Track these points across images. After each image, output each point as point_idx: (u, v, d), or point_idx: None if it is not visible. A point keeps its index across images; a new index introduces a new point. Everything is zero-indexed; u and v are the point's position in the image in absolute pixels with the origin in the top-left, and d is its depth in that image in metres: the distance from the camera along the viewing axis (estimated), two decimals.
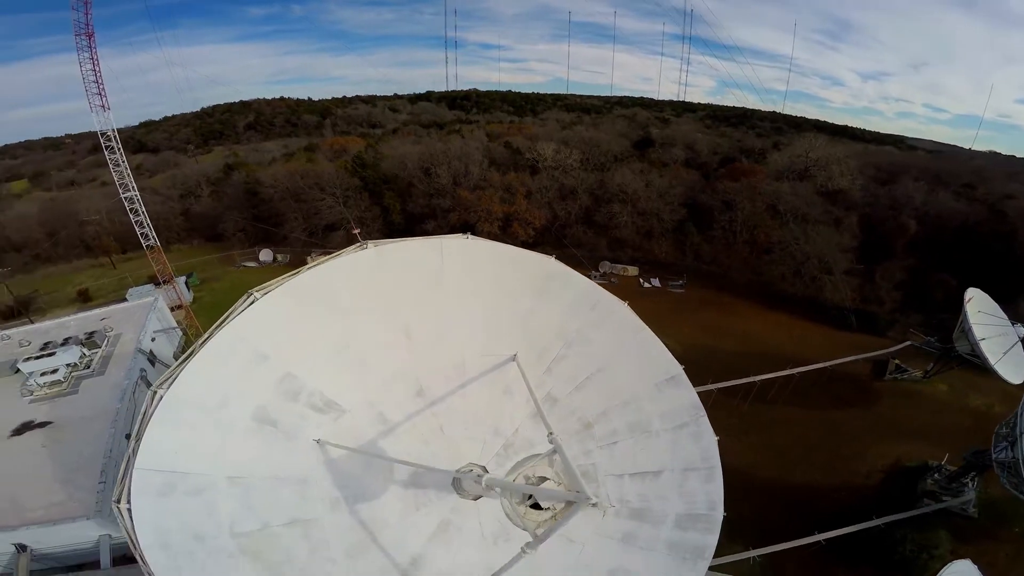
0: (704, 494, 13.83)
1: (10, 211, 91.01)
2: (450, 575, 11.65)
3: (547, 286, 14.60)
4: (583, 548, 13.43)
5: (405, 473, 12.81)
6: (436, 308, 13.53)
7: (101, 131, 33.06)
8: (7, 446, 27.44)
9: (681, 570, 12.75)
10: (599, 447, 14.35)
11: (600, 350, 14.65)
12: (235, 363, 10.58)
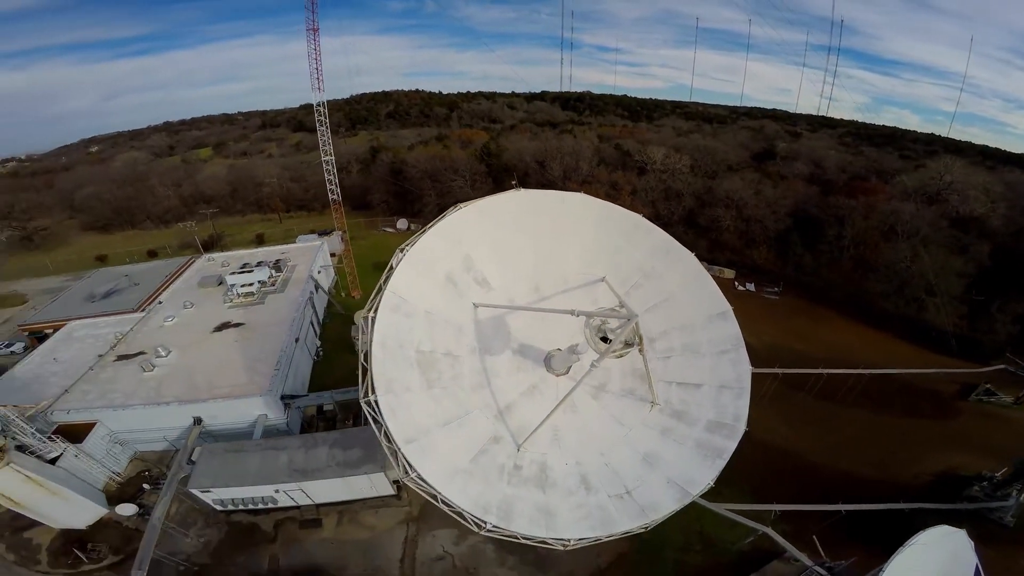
0: (733, 408, 18.82)
1: (203, 172, 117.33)
2: (527, 422, 17.76)
3: (633, 233, 20.85)
4: (630, 431, 19.31)
5: (516, 344, 19.89)
6: (555, 236, 20.39)
7: (316, 106, 45.06)
8: (210, 339, 40.02)
9: (702, 464, 17.71)
10: (657, 358, 20.05)
11: (668, 285, 20.45)
12: (442, 242, 18.37)
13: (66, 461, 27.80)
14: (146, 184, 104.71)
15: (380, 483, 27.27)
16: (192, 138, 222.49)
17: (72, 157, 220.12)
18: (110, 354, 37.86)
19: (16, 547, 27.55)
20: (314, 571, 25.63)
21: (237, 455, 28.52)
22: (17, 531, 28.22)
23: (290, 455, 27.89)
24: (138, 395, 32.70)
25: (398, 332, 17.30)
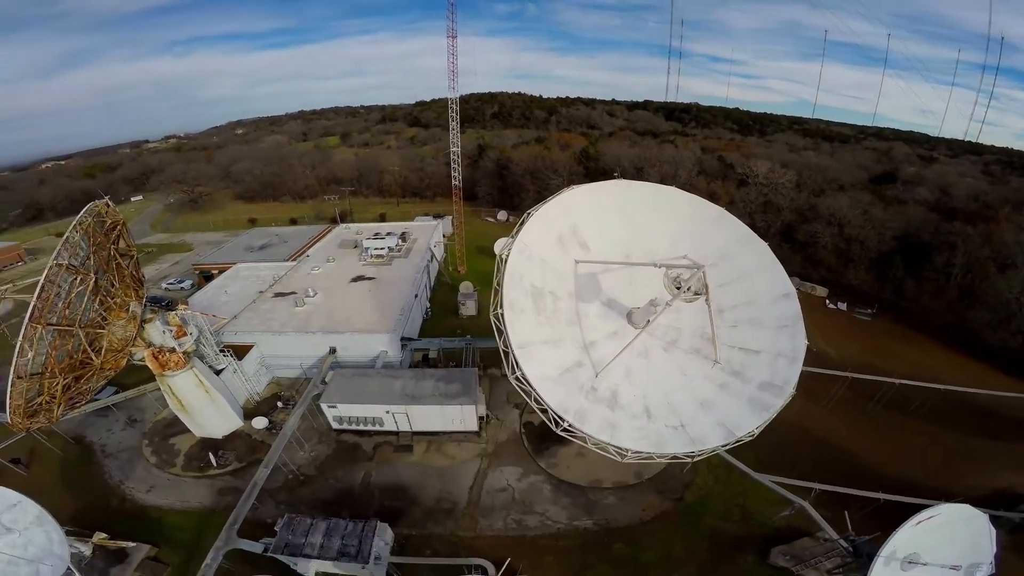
0: (785, 373, 22.10)
1: (335, 158, 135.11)
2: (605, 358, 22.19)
3: (716, 222, 24.90)
4: (691, 381, 23.36)
5: (605, 298, 24.82)
6: (646, 218, 25.05)
7: (451, 102, 52.86)
8: (349, 287, 49.40)
9: (750, 415, 21.18)
10: (724, 326, 23.88)
11: (742, 267, 24.22)
12: (556, 210, 23.90)
13: (226, 375, 35.96)
14: (287, 164, 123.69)
15: (469, 417, 33.36)
16: (322, 127, 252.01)
17: (222, 137, 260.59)
18: (268, 291, 48.58)
19: (160, 451, 34.98)
20: (399, 489, 31.13)
21: (361, 379, 36.36)
22: (165, 438, 36.01)
23: (403, 383, 35.10)
24: (290, 325, 42.19)
25: (521, 269, 22.70)
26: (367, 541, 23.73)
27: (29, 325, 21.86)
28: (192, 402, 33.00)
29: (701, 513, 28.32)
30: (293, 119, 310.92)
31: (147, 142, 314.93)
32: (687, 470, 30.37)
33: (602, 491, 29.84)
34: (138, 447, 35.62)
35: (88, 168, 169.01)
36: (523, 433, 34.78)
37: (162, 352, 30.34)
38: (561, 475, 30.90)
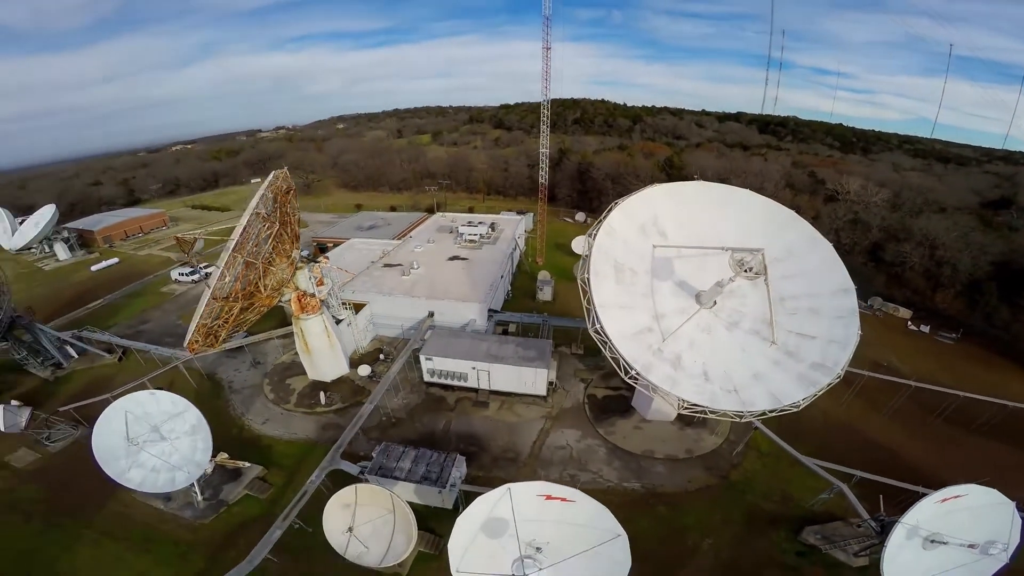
0: (835, 357, 25.05)
1: (428, 156, 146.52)
2: (671, 328, 26.62)
3: (786, 222, 28.25)
4: (748, 357, 26.87)
5: (677, 280, 28.97)
6: (721, 215, 28.89)
7: (543, 105, 58.52)
8: (445, 264, 56.35)
9: (798, 388, 24.59)
10: (785, 313, 27.22)
11: (806, 263, 27.40)
12: (639, 202, 28.56)
13: (342, 326, 43.46)
14: (387, 158, 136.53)
15: (540, 381, 38.25)
16: (415, 125, 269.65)
17: (326, 130, 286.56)
18: (379, 262, 56.95)
19: (277, 389, 42.11)
20: (473, 437, 36.35)
21: (454, 339, 42.71)
22: (283, 379, 43.19)
23: (488, 346, 40.94)
24: (398, 290, 49.89)
25: (606, 246, 27.63)
26: (447, 469, 29.24)
27: (231, 255, 29.84)
28: (316, 344, 40.87)
29: (743, 491, 30.43)
30: (389, 116, 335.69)
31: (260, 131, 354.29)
32: (736, 453, 32.96)
33: (653, 460, 32.95)
34: (259, 385, 43.54)
35: (214, 152, 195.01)
36: (586, 403, 39.19)
37: (304, 296, 38.41)
38: (617, 442, 34.56)
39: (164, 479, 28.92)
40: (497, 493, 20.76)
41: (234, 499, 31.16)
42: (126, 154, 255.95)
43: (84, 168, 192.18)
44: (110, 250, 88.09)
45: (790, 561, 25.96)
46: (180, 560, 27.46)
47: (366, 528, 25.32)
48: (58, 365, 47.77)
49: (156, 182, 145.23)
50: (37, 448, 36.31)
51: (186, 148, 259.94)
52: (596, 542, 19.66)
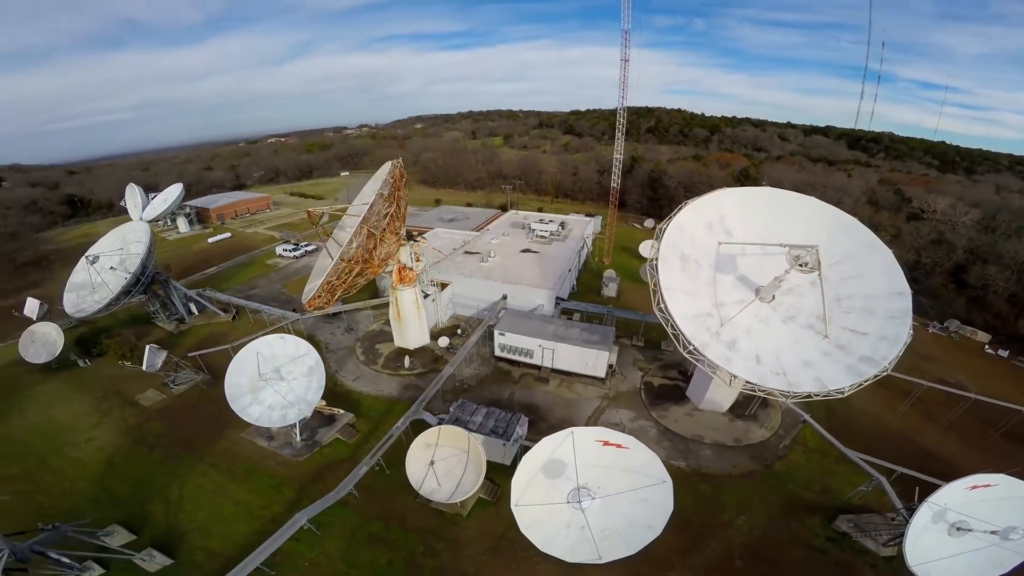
0: (884, 352, 27.44)
1: (502, 156, 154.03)
2: (728, 314, 30.15)
3: (848, 228, 30.87)
4: (800, 347, 29.72)
5: (739, 274, 32.33)
6: (786, 219, 31.93)
7: (620, 110, 62.62)
8: (518, 255, 61.70)
9: (844, 376, 27.19)
10: (840, 311, 29.92)
11: (864, 266, 29.90)
12: (710, 204, 32.31)
13: (428, 301, 50.02)
14: (463, 157, 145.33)
15: (600, 363, 42.25)
16: (488, 127, 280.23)
17: (405, 130, 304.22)
18: (460, 249, 63.49)
19: (367, 352, 49.85)
20: (533, 407, 40.72)
21: (525, 319, 47.79)
22: (372, 344, 50.30)
23: (555, 327, 45.63)
24: (477, 274, 55.96)
25: (675, 238, 31.59)
26: (512, 426, 34.38)
27: (359, 225, 36.72)
28: (407, 313, 47.47)
29: (785, 480, 32.55)
30: (464, 118, 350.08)
31: (346, 128, 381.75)
32: (783, 446, 35.21)
33: (701, 444, 35.59)
34: (352, 347, 50.91)
35: (307, 146, 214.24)
36: (642, 388, 42.79)
37: (404, 269, 45.12)
38: (668, 425, 37.59)
39: (277, 415, 35.30)
40: (561, 436, 25.40)
41: (326, 441, 37.26)
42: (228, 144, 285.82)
43: (195, 155, 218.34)
44: (222, 226, 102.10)
45: (819, 544, 27.96)
46: (274, 491, 32.88)
47: (441, 466, 30.39)
48: (181, 320, 57.91)
49: (258, 170, 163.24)
50: (163, 390, 44.45)
51: (280, 141, 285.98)
52: (644, 485, 23.60)
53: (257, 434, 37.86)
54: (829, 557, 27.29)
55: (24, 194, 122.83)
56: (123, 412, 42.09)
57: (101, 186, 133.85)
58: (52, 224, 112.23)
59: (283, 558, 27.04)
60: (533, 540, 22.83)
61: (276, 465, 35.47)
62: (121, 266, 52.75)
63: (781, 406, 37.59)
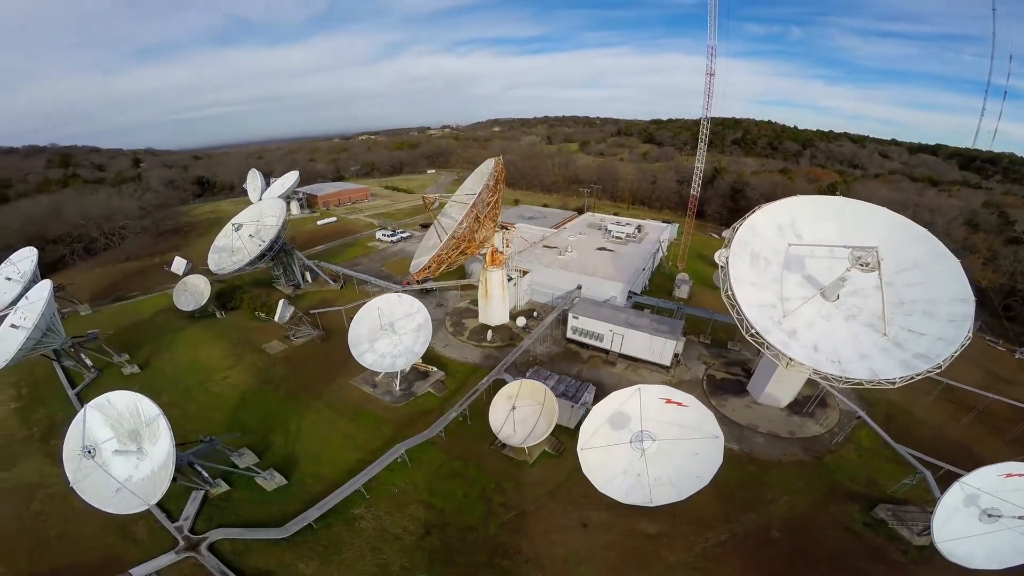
0: (939, 351, 29.99)
1: (578, 162, 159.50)
2: (791, 308, 33.85)
3: (919, 240, 33.58)
4: (858, 342, 32.80)
5: (806, 274, 35.90)
6: (857, 227, 35.04)
7: (704, 121, 66.22)
8: (593, 252, 67.15)
9: (896, 369, 30.08)
10: (902, 313, 32.80)
11: (931, 274, 32.55)
12: (782, 209, 36.25)
13: (511, 284, 57.00)
14: (540, 161, 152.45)
15: (667, 352, 46.44)
16: (563, 133, 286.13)
17: (484, 132, 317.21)
18: (540, 243, 69.96)
19: (455, 325, 57.28)
20: (599, 384, 44.42)
21: (598, 306, 53.05)
22: (459, 319, 58.19)
23: (626, 316, 50.48)
24: (554, 265, 62.09)
25: (747, 237, 35.81)
26: (580, 392, 40.11)
27: (470, 208, 44.00)
28: (493, 292, 54.44)
29: (832, 471, 34.76)
30: (540, 123, 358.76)
31: (429, 128, 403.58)
32: (836, 441, 37.46)
33: (755, 432, 38.46)
34: (442, 320, 58.64)
35: (397, 143, 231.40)
36: (704, 379, 46.43)
37: (496, 252, 52.08)
38: (726, 413, 40.71)
39: (388, 363, 43.04)
40: (629, 391, 30.54)
41: (420, 393, 44.68)
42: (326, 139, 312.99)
43: (298, 147, 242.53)
44: (327, 212, 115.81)
45: (856, 528, 30.24)
46: (375, 428, 40.17)
47: (518, 414, 36.61)
48: (297, 286, 68.84)
49: (355, 164, 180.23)
50: (285, 341, 54.40)
51: (371, 138, 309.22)
52: (698, 437, 28.17)
53: (363, 382, 46.25)
54: (863, 539, 29.65)
55: (162, 174, 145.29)
56: (253, 357, 52.16)
57: (223, 170, 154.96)
58: (184, 201, 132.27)
59: (378, 484, 33.96)
60: (593, 481, 27.75)
61: (377, 408, 43.11)
62: (257, 235, 64.16)
63: (839, 406, 40.29)
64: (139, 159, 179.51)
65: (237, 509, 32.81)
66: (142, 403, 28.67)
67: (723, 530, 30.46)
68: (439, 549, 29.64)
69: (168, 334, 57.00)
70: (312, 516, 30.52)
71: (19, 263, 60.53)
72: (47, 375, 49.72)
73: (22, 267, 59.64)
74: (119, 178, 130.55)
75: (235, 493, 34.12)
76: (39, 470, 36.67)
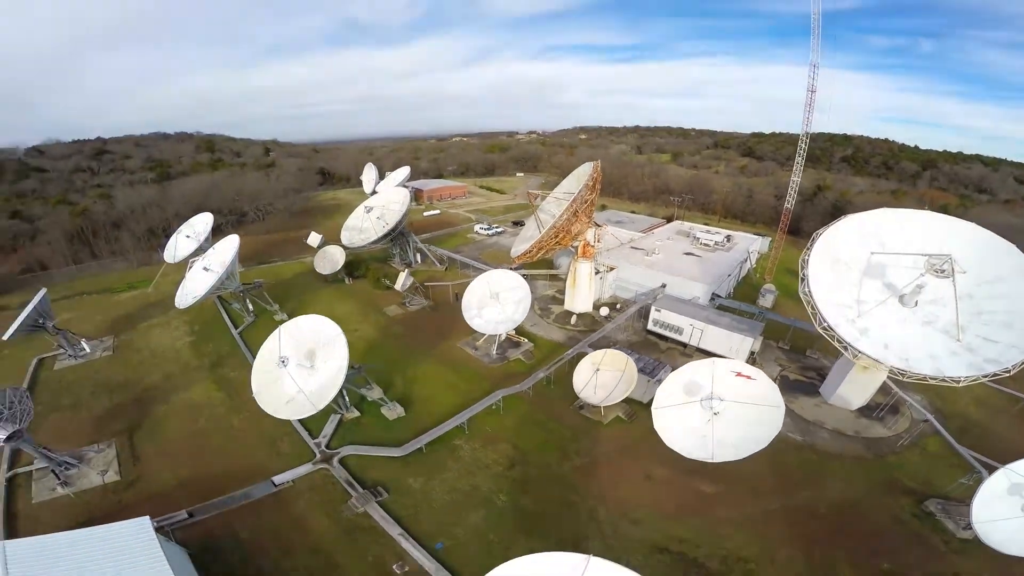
0: (1010, 358, 32.21)
1: (669, 173, 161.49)
2: (866, 309, 37.30)
3: (1006, 253, 35.80)
4: (930, 344, 35.47)
5: (887, 281, 39.10)
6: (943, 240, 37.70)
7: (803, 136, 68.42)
8: (680, 256, 71.62)
9: (961, 370, 32.71)
10: (978, 322, 35.31)
11: (1015, 287, 34.73)
12: (868, 219, 39.86)
13: (597, 277, 63.25)
14: (629, 169, 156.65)
15: (743, 349, 50.36)
16: (654, 143, 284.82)
17: (570, 139, 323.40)
18: (628, 244, 75.77)
19: (543, 309, 64.14)
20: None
21: (679, 302, 57.97)
22: (547, 304, 65.55)
23: (707, 313, 55.01)
24: (640, 264, 67.68)
25: (830, 242, 39.89)
26: (658, 370, 45.72)
27: (571, 203, 51.42)
28: (581, 282, 61.20)
29: (892, 468, 37.15)
30: (630, 132, 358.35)
31: (517, 133, 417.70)
32: (901, 444, 39.48)
33: (821, 428, 41.54)
34: (532, 304, 66.13)
35: (488, 147, 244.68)
36: (777, 379, 49.42)
37: (588, 245, 58.94)
38: (794, 409, 43.80)
39: (492, 327, 51.33)
40: (705, 363, 35.93)
41: (512, 358, 52.86)
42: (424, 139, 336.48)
43: (399, 146, 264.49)
44: (431, 205, 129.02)
45: (902, 516, 32.83)
46: (475, 381, 48.68)
47: (600, 378, 43.13)
48: (409, 264, 79.91)
49: (451, 164, 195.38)
50: (401, 307, 65.29)
51: (462, 140, 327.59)
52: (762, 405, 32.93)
53: (466, 344, 55.29)
54: (907, 527, 32.15)
55: (290, 163, 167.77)
56: (376, 317, 63.31)
57: (339, 163, 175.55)
58: (310, 187, 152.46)
59: (475, 424, 42.00)
60: (663, 436, 33.23)
61: (477, 367, 51.83)
62: (383, 218, 75.98)
63: (911, 414, 42.50)
64: (268, 148, 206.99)
65: (364, 432, 42.00)
66: (325, 325, 38.94)
67: (774, 500, 34.47)
68: (520, 480, 36.57)
69: (308, 292, 70.17)
70: (423, 441, 39.01)
71: (195, 225, 76.92)
72: (214, 316, 64.12)
73: (197, 228, 75.69)
74: (258, 164, 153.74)
75: (363, 419, 43.71)
76: (207, 393, 48.30)
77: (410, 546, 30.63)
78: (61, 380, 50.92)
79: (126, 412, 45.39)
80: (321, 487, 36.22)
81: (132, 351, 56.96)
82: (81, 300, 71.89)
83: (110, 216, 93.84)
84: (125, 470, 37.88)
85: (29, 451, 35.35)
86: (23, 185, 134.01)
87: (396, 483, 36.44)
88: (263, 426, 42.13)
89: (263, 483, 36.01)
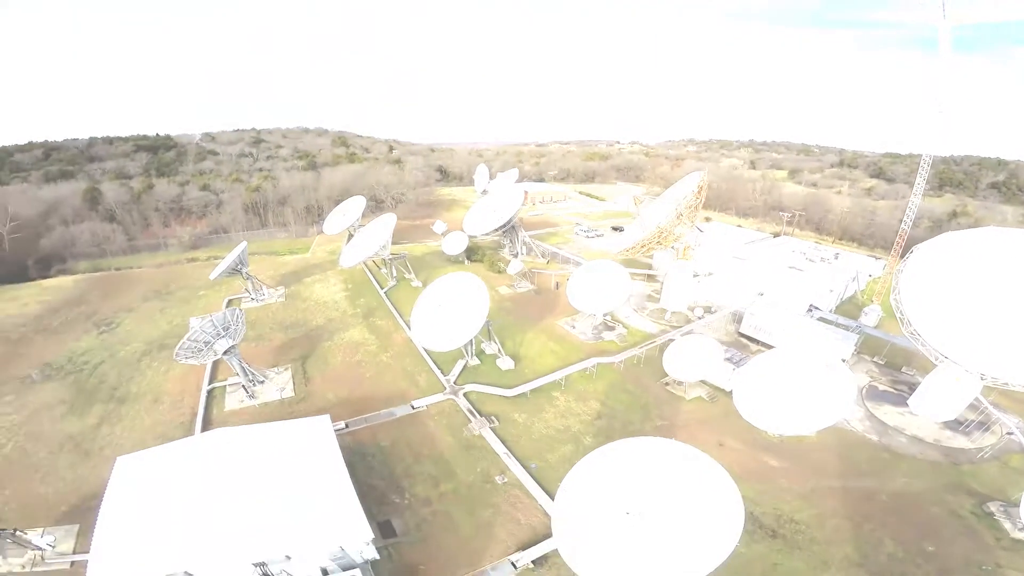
0: None
1: (783, 190, 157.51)
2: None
3: None
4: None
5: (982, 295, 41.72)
6: None
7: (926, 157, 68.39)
8: (784, 270, 74.28)
9: None
10: None
11: None
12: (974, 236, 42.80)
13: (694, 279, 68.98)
14: (739, 184, 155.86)
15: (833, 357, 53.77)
16: (770, 159, 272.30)
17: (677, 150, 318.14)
18: (729, 253, 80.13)
19: (639, 307, 69.91)
20: None
21: (774, 309, 61.88)
22: (642, 300, 71.56)
23: (800, 320, 58.62)
24: (739, 272, 72.20)
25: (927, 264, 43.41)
26: (744, 361, 50.95)
27: (675, 211, 58.32)
28: (676, 282, 67.29)
29: (966, 475, 38.69)
30: (744, 146, 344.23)
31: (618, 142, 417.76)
32: (981, 455, 40.61)
33: (900, 433, 43.79)
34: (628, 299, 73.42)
35: (588, 154, 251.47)
36: (865, 387, 51.81)
37: (687, 247, 65.07)
38: (877, 414, 46.54)
39: (592, 307, 60.34)
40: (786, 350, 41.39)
41: (606, 339, 60.69)
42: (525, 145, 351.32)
43: (503, 150, 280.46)
44: (534, 205, 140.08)
45: (961, 512, 34.72)
46: (573, 351, 57.65)
47: (688, 358, 49.22)
48: (516, 255, 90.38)
49: (552, 169, 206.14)
50: (510, 288, 75.71)
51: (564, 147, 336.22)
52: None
53: (565, 323, 64.30)
54: (963, 521, 33.99)
55: (413, 161, 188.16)
56: (492, 293, 73.52)
57: (453, 162, 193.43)
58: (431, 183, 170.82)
59: (571, 382, 51.01)
60: (741, 411, 39.27)
61: (574, 341, 60.49)
62: (499, 212, 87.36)
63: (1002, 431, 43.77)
64: (391, 146, 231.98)
65: (482, 376, 52.34)
66: (469, 280, 51.03)
67: (837, 481, 37.93)
68: (604, 428, 44.17)
69: (436, 268, 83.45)
70: (529, 387, 48.95)
71: (345, 207, 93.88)
72: (363, 279, 78.99)
73: (350, 209, 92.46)
74: (388, 159, 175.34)
75: (482, 367, 54.13)
76: (362, 336, 61.88)
77: (511, 463, 39.67)
78: (246, 317, 67.50)
79: (299, 345, 59.86)
80: (448, 412, 46.74)
81: (300, 299, 73.09)
82: (253, 259, 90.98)
83: (276, 194, 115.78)
84: (298, 389, 50.56)
85: (235, 366, 47.82)
86: (202, 165, 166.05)
87: (504, 416, 45.89)
88: (405, 363, 54.39)
89: (403, 406, 47.28)
